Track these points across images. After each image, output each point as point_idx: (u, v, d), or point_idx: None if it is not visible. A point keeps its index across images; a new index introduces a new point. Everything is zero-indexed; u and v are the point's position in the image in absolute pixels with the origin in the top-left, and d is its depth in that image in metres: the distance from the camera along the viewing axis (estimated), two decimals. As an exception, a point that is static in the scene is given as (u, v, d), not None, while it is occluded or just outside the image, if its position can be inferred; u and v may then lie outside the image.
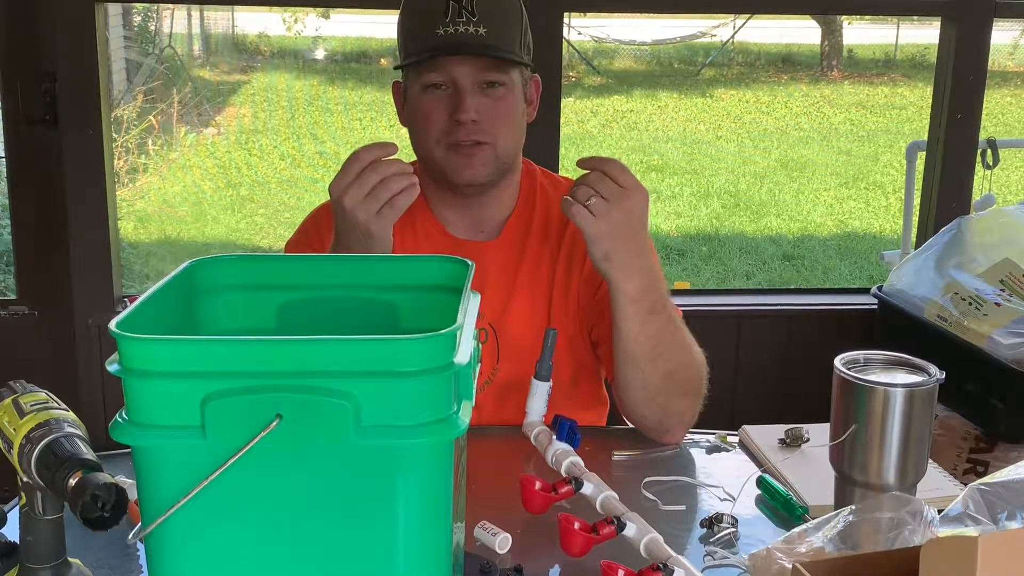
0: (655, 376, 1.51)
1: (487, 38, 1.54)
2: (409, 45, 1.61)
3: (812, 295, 3.58)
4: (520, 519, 1.28)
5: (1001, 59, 12.85)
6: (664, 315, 1.50)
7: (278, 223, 6.99)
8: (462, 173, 1.59)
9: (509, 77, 1.59)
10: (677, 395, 1.54)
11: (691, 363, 1.54)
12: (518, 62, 1.59)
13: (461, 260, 1.11)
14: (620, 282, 1.46)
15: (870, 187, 8.38)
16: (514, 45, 1.59)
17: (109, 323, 0.86)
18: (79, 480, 0.94)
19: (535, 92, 1.68)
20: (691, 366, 1.54)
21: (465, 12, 1.54)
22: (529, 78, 1.66)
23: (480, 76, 1.56)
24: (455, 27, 1.53)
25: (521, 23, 1.61)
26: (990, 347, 2.45)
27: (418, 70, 1.58)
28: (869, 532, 1.12)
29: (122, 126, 7.99)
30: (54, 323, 2.82)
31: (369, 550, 0.89)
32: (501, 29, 1.56)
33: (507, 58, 1.57)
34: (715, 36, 13.71)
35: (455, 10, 1.54)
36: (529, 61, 1.63)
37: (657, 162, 8.90)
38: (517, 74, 1.61)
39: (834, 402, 1.27)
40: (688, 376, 1.54)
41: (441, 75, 1.56)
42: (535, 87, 1.68)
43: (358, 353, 0.87)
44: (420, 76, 1.58)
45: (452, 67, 1.55)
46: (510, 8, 1.60)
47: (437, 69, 1.56)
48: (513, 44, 1.58)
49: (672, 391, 1.53)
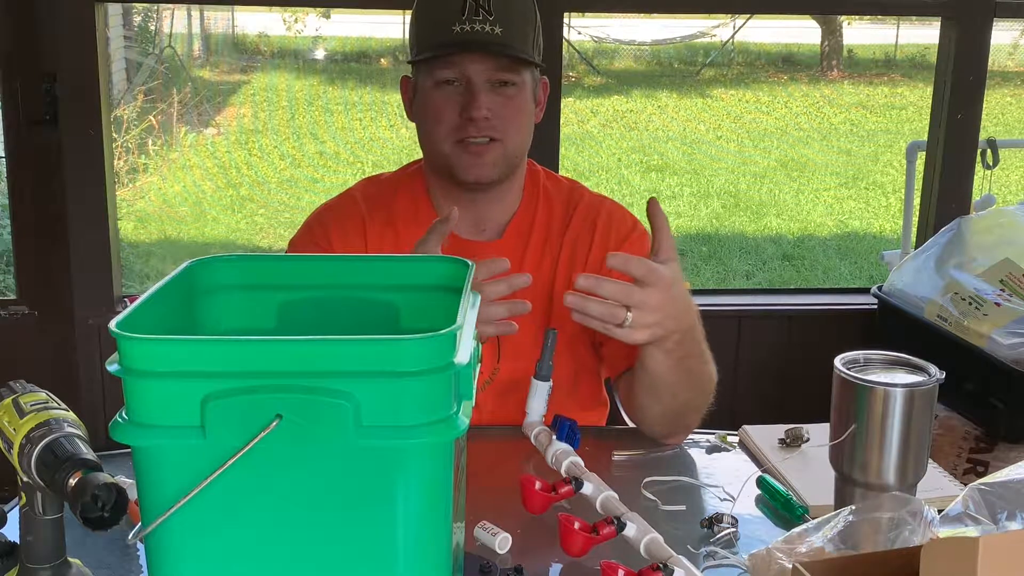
0: (676, 403, 1.52)
1: (502, 37, 1.55)
2: (423, 41, 1.61)
3: (812, 295, 3.57)
4: (520, 519, 1.28)
5: (1001, 59, 12.85)
6: (695, 356, 1.48)
7: (278, 223, 6.99)
8: (470, 171, 1.60)
9: (521, 77, 1.60)
10: (691, 412, 1.56)
11: (710, 387, 1.55)
12: (531, 62, 1.60)
13: (461, 260, 1.11)
14: (662, 343, 1.42)
15: (870, 187, 8.38)
16: (527, 45, 1.59)
17: (109, 323, 0.86)
18: (79, 480, 0.94)
19: (543, 94, 1.69)
20: (709, 390, 1.56)
21: (482, 11, 1.54)
22: (539, 79, 1.66)
23: (494, 74, 1.57)
24: (471, 25, 1.54)
25: (535, 24, 1.62)
26: (990, 347, 2.45)
27: (431, 66, 1.59)
28: (869, 532, 1.12)
29: (122, 126, 7.99)
30: (54, 323, 2.82)
31: (369, 550, 0.89)
32: (516, 29, 1.57)
33: (521, 57, 1.58)
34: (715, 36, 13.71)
35: (472, 8, 1.54)
36: (541, 62, 1.64)
37: (657, 162, 8.90)
38: (529, 75, 1.62)
39: (834, 402, 1.27)
40: (705, 396, 1.56)
41: (455, 71, 1.57)
42: (543, 89, 1.69)
43: (358, 353, 0.86)
44: (433, 72, 1.59)
45: (466, 64, 1.56)
46: (525, 9, 1.61)
47: (451, 65, 1.57)
48: (527, 44, 1.59)
49: (688, 410, 1.55)
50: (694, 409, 1.55)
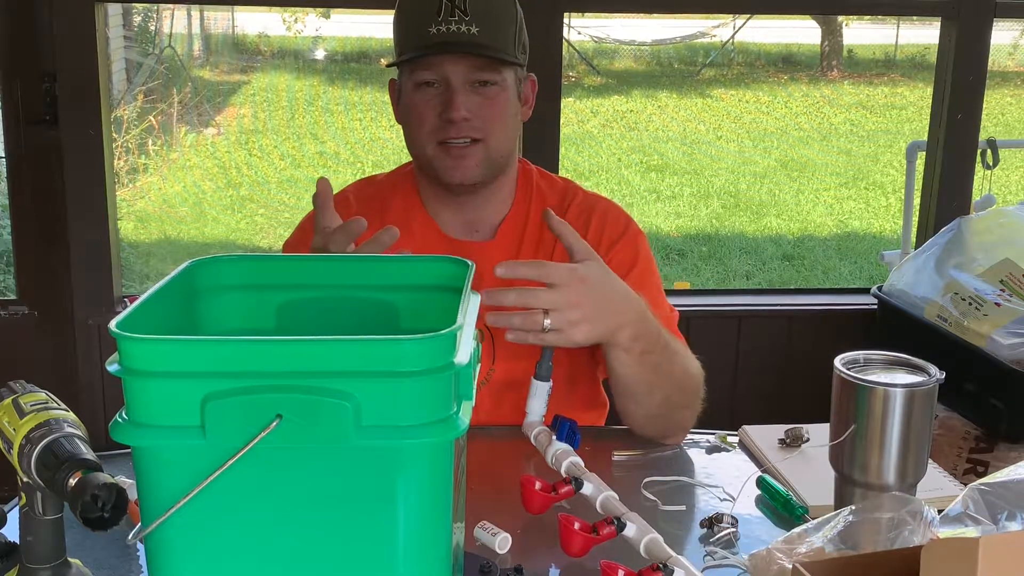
0: (653, 404, 1.51)
1: (479, 37, 1.55)
2: (403, 43, 1.61)
3: (812, 295, 3.58)
4: (520, 519, 1.28)
5: (1001, 59, 12.85)
6: (658, 351, 1.46)
7: (278, 223, 6.99)
8: (453, 173, 1.60)
9: (501, 76, 1.59)
10: (677, 410, 1.55)
11: (689, 382, 1.54)
12: (510, 62, 1.59)
13: (461, 260, 1.11)
14: (610, 339, 1.41)
15: (870, 187, 8.38)
16: (507, 44, 1.59)
17: (109, 323, 0.86)
18: (79, 480, 0.94)
19: (531, 91, 1.68)
20: (689, 385, 1.54)
21: (458, 11, 1.54)
22: (524, 77, 1.66)
23: (472, 75, 1.57)
24: (447, 26, 1.54)
25: (515, 23, 1.62)
26: (990, 347, 2.45)
27: (411, 68, 1.59)
28: (869, 532, 1.12)
29: (122, 126, 7.99)
30: (54, 323, 2.82)
31: (369, 550, 0.89)
32: (493, 28, 1.57)
33: (498, 57, 1.57)
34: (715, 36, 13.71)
35: (448, 9, 1.54)
36: (523, 61, 1.63)
37: (657, 162, 8.90)
38: (511, 73, 1.61)
39: (834, 402, 1.26)
40: (686, 393, 1.54)
41: (433, 73, 1.57)
42: (531, 86, 1.68)
43: (358, 353, 0.86)
44: (413, 74, 1.59)
45: (444, 65, 1.56)
46: (503, 8, 1.61)
47: (429, 67, 1.57)
48: (507, 44, 1.59)
49: (672, 409, 1.54)
50: (680, 407, 1.54)
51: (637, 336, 1.42)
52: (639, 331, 1.42)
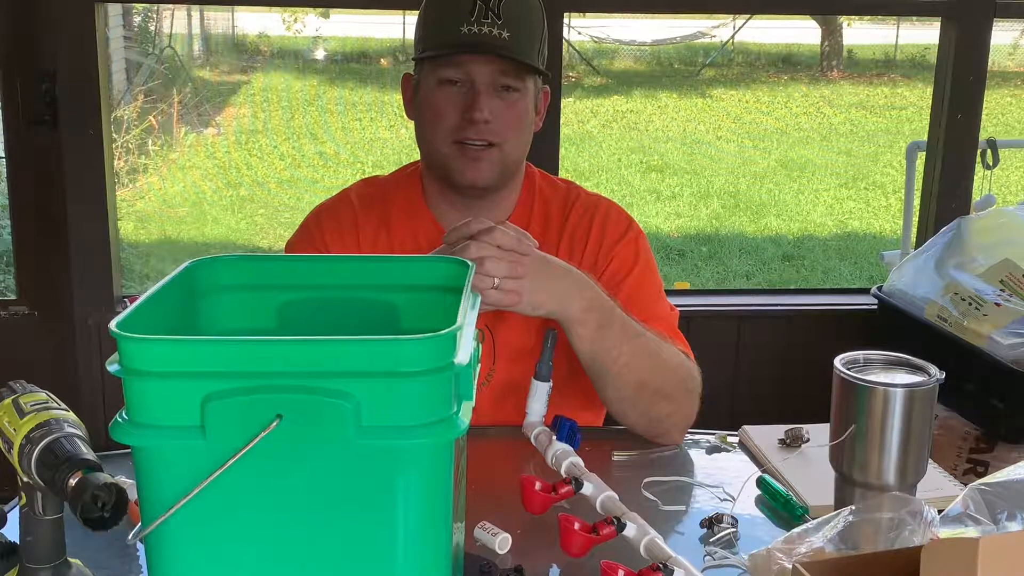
0: (627, 388, 1.51)
1: (509, 41, 1.55)
2: (429, 39, 1.60)
3: (812, 295, 3.58)
4: (520, 519, 1.28)
5: (1001, 59, 12.86)
6: (616, 326, 1.48)
7: (278, 223, 6.99)
8: (466, 174, 1.59)
9: (524, 84, 1.59)
10: (657, 400, 1.54)
11: (663, 368, 1.54)
12: (536, 69, 1.60)
13: (461, 260, 1.11)
14: (561, 313, 1.45)
15: (870, 187, 8.38)
16: (533, 53, 1.59)
17: (109, 323, 0.86)
18: (79, 480, 0.94)
19: (544, 104, 1.69)
20: (664, 371, 1.54)
21: (491, 13, 1.54)
22: (541, 88, 1.66)
23: (498, 78, 1.57)
24: (479, 27, 1.54)
25: (541, 33, 1.62)
26: (990, 347, 2.45)
27: (436, 64, 1.58)
28: (869, 532, 1.12)
29: (122, 126, 7.99)
30: (54, 323, 2.82)
31: (369, 550, 0.89)
32: (523, 35, 1.57)
33: (527, 64, 1.57)
34: (715, 36, 13.72)
35: (481, 10, 1.54)
36: (545, 71, 1.63)
37: (657, 162, 8.90)
38: (532, 82, 1.61)
39: (834, 402, 1.27)
40: (664, 381, 1.54)
41: (459, 72, 1.57)
42: (544, 98, 1.68)
43: (358, 353, 0.87)
44: (437, 71, 1.58)
45: (472, 66, 1.56)
46: (534, 16, 1.61)
47: (456, 66, 1.56)
48: (533, 52, 1.59)
49: (650, 398, 1.53)
50: (659, 396, 1.53)
51: (590, 307, 1.46)
52: (591, 303, 1.46)
